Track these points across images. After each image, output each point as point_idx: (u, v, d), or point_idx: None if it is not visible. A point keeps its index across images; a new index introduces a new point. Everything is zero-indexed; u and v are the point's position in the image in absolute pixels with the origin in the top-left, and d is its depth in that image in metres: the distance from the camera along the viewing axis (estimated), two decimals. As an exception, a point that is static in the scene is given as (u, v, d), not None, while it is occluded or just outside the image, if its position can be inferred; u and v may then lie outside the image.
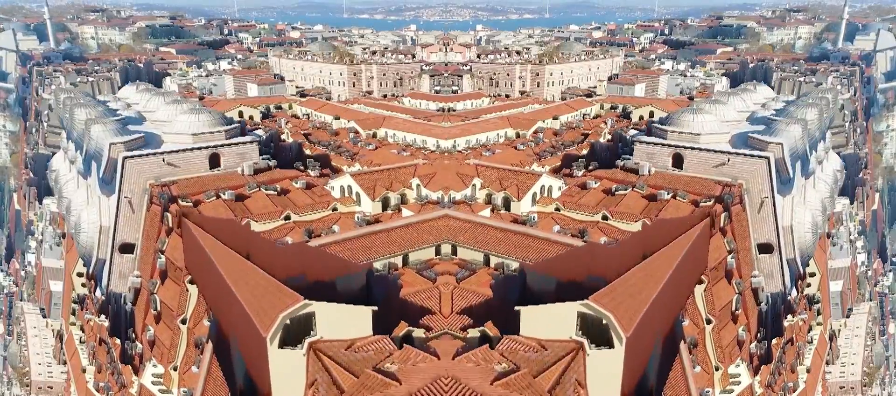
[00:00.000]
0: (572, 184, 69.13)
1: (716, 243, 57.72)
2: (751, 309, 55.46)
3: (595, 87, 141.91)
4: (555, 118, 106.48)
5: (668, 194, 62.84)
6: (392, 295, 48.17)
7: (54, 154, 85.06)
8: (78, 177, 70.94)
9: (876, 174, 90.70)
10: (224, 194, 62.95)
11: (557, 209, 65.49)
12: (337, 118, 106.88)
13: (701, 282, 54.70)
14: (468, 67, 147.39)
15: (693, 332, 49.85)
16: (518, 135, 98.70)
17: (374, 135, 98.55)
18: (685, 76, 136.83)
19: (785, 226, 63.13)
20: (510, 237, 56.34)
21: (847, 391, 65.79)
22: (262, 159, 71.89)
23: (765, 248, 60.58)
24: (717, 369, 49.72)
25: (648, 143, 70.08)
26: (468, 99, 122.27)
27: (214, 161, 68.85)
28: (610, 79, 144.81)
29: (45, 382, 64.89)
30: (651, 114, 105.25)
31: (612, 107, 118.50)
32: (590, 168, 74.21)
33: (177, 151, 66.93)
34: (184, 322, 51.65)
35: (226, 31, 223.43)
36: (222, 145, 69.75)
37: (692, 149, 67.66)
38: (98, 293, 59.04)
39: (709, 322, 51.93)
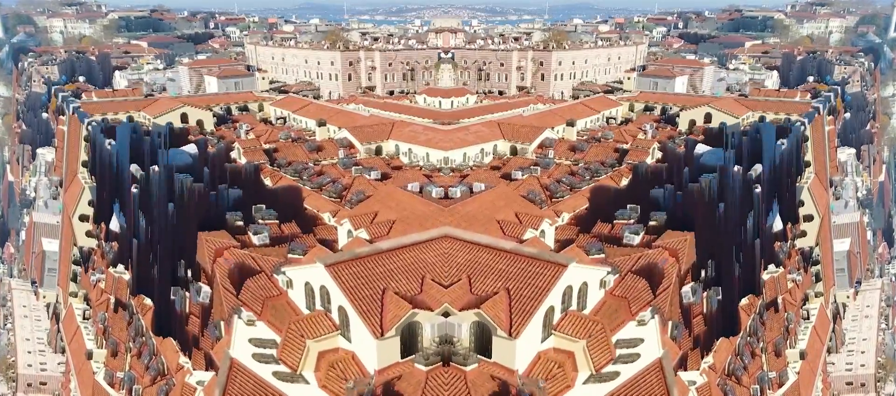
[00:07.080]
0: (626, 268, 35.35)
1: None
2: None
3: (619, 81, 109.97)
4: (569, 124, 74.61)
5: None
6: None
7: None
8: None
9: (882, 142, 76.41)
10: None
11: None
12: (322, 124, 74.47)
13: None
14: (450, 55, 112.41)
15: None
16: (515, 152, 66.48)
17: (378, 151, 66.65)
18: (728, 69, 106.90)
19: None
20: None
21: (856, 388, 50.37)
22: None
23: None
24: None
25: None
26: (445, 96, 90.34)
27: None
28: (636, 70, 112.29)
29: (36, 376, 50.62)
30: (708, 118, 75.31)
31: (646, 109, 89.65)
32: (651, 222, 42.01)
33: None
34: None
35: (212, 26, 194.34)
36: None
37: None
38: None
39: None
